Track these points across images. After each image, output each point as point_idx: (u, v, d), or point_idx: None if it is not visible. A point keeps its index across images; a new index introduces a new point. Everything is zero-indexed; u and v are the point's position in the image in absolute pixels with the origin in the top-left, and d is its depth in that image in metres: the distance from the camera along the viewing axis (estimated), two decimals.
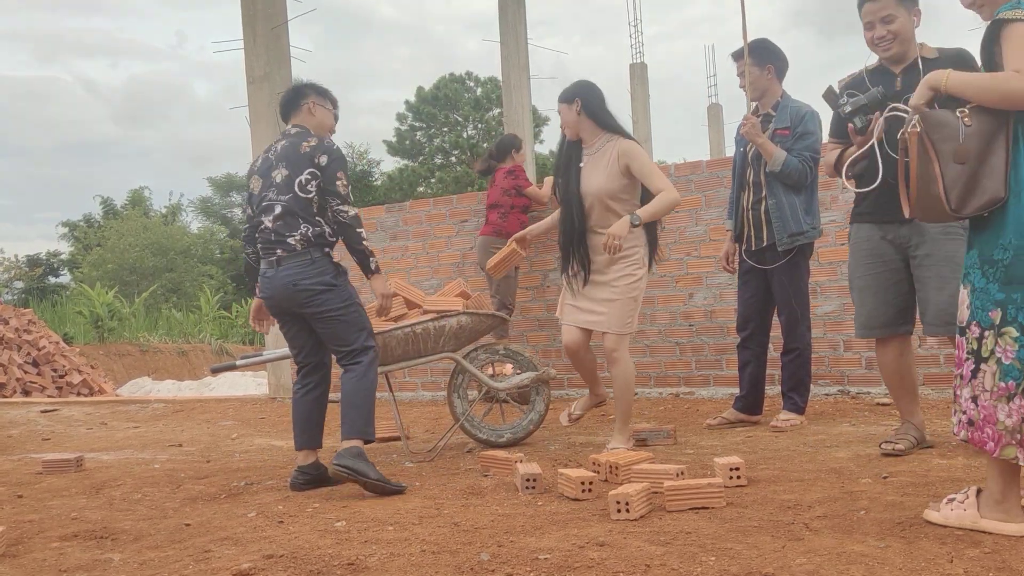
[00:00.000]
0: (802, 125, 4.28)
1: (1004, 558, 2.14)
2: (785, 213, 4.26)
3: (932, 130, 2.42)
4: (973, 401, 2.37)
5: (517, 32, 9.93)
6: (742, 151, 4.44)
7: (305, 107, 3.84)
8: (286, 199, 3.63)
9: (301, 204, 3.62)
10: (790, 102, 4.35)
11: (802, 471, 3.31)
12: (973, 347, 2.37)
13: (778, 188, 4.27)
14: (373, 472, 3.40)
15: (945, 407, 4.69)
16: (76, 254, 30.26)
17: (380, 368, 4.18)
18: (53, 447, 5.52)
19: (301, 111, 3.84)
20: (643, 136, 18.60)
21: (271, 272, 3.66)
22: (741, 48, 4.32)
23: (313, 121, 3.84)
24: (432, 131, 32.60)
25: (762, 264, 4.39)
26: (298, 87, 3.91)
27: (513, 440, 4.39)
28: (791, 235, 4.27)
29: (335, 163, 3.66)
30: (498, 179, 6.27)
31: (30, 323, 11.99)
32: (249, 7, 7.49)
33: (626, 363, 3.92)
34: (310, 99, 3.85)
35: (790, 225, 4.26)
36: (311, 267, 3.60)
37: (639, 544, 2.44)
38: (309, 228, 3.61)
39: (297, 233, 3.60)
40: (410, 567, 2.36)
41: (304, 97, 3.86)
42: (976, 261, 2.39)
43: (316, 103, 3.86)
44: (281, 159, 3.71)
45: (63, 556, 2.71)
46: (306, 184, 3.63)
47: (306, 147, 3.67)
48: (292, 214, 3.61)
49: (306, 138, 3.71)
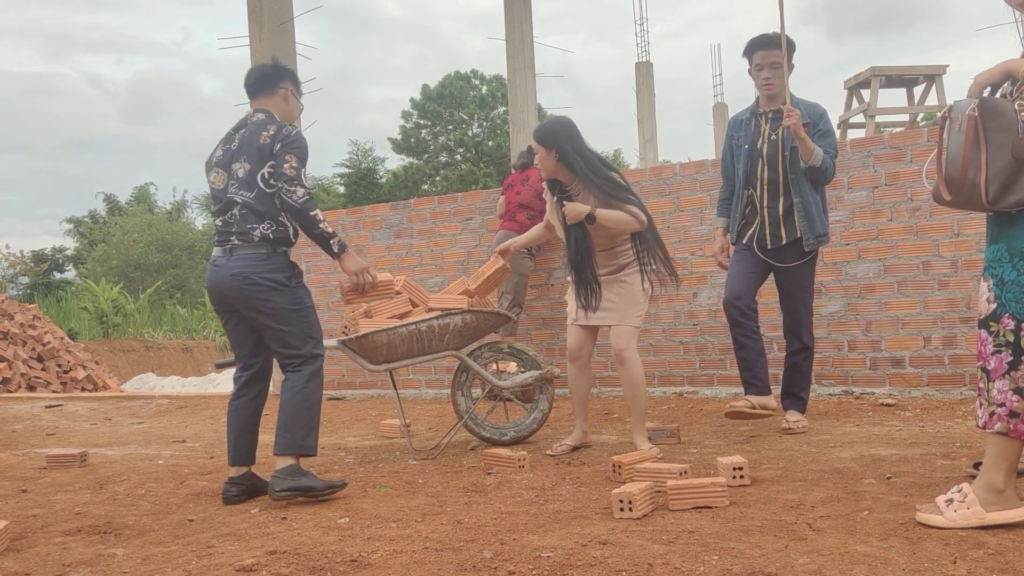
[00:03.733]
0: (823, 123, 4.21)
1: (1008, 559, 2.13)
2: (812, 212, 4.17)
3: (988, 117, 2.35)
4: (1017, 393, 2.35)
5: (523, 30, 9.93)
6: (746, 148, 4.32)
7: (281, 93, 3.59)
8: (251, 196, 3.39)
9: (264, 199, 3.39)
10: (799, 99, 4.29)
11: (805, 471, 3.31)
12: (1008, 339, 2.36)
13: (805, 187, 4.17)
14: (319, 483, 3.27)
15: (949, 408, 4.68)
16: (81, 250, 30.33)
17: (385, 366, 4.19)
18: (57, 442, 5.53)
19: (276, 95, 3.58)
20: (648, 134, 18.59)
21: (222, 260, 3.40)
22: (773, 36, 4.18)
23: (283, 108, 3.59)
24: (437, 129, 32.60)
25: (780, 262, 4.27)
26: (278, 68, 3.64)
27: (516, 438, 4.39)
28: (818, 236, 4.20)
29: (287, 146, 3.36)
30: (533, 179, 6.22)
31: (35, 319, 12.03)
32: (255, 3, 7.49)
33: (635, 363, 3.90)
34: (288, 85, 3.62)
35: (817, 226, 4.18)
36: (264, 262, 3.36)
37: (642, 543, 2.44)
38: (272, 226, 3.39)
39: (258, 228, 3.37)
40: (413, 564, 2.36)
41: (282, 80, 3.61)
42: (1005, 255, 2.38)
43: (292, 92, 3.64)
44: (241, 152, 3.44)
45: (67, 551, 2.72)
46: (269, 178, 3.39)
47: (265, 137, 3.40)
48: (256, 211, 3.38)
49: (266, 127, 3.43)
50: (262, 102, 3.57)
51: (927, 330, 5.16)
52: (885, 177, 5.26)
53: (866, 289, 5.31)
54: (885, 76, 11.31)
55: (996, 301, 2.39)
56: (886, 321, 5.25)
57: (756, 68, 4.27)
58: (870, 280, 5.30)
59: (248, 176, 3.40)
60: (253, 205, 3.38)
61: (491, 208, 6.64)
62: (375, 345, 4.11)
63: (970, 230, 5.02)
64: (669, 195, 5.93)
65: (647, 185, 6.02)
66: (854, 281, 5.34)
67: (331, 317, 7.18)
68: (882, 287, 5.27)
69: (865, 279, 5.32)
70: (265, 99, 3.57)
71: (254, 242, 3.37)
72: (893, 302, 5.24)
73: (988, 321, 2.41)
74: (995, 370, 2.39)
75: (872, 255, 5.29)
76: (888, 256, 5.25)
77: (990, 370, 2.41)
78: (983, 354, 2.43)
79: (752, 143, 4.29)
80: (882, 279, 5.27)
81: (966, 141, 2.37)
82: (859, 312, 5.33)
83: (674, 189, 5.92)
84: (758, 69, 4.26)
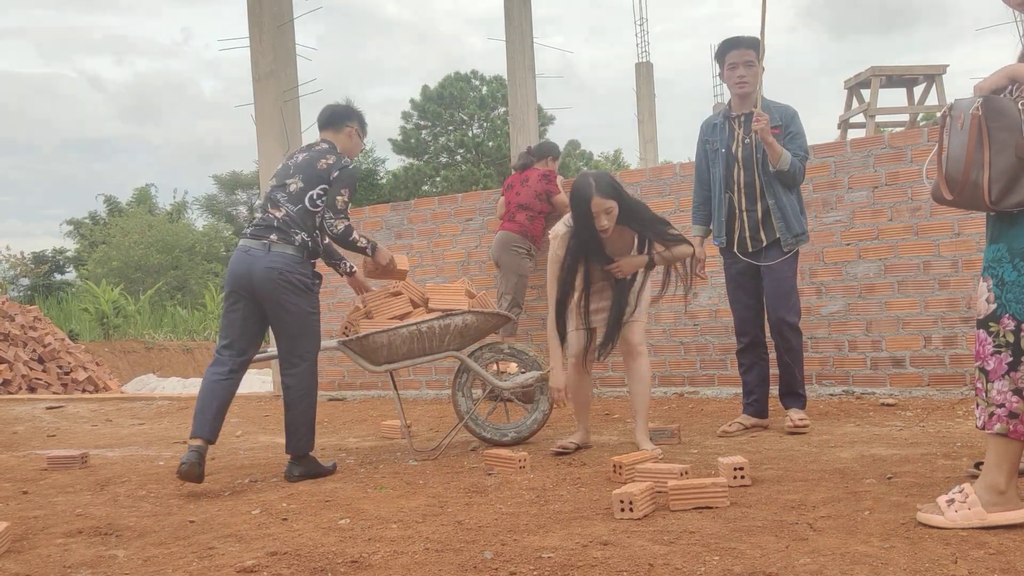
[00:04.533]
0: (794, 124, 4.24)
1: (1009, 559, 2.13)
2: (787, 213, 4.23)
3: (992, 117, 2.34)
4: (1016, 394, 2.35)
5: (523, 30, 9.92)
6: (723, 151, 4.32)
7: (347, 131, 4.03)
8: (296, 209, 3.77)
9: (306, 215, 3.78)
10: (770, 101, 4.30)
11: (806, 471, 3.31)
12: (1008, 340, 2.36)
13: (778, 189, 4.23)
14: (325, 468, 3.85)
15: (949, 408, 4.68)
16: (82, 251, 30.34)
17: (386, 367, 4.21)
18: (58, 443, 5.54)
19: (341, 132, 4.02)
20: (648, 134, 18.58)
21: (258, 252, 3.70)
22: (751, 39, 4.22)
23: (346, 144, 4.02)
24: (437, 130, 32.59)
25: (762, 261, 4.30)
26: (350, 109, 4.09)
27: (517, 439, 4.39)
28: (796, 236, 4.25)
29: (343, 179, 3.81)
30: (532, 180, 6.23)
31: (36, 320, 12.02)
32: (255, 4, 7.50)
33: (647, 359, 4.00)
34: (354, 126, 4.06)
35: (794, 226, 4.24)
36: (300, 264, 3.73)
37: (643, 543, 2.44)
38: (307, 237, 3.77)
39: (298, 235, 3.74)
40: (413, 565, 2.36)
41: (350, 120, 4.05)
42: (1005, 255, 2.37)
43: (357, 132, 4.07)
44: (299, 171, 3.84)
45: (67, 552, 2.72)
46: (316, 199, 3.79)
47: (324, 164, 3.83)
48: (296, 221, 3.76)
49: (326, 155, 3.86)
50: (328, 134, 4.02)
51: (927, 330, 5.16)
52: (885, 177, 5.26)
53: (866, 289, 5.31)
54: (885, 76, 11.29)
55: (996, 301, 2.38)
56: (887, 321, 5.25)
57: (730, 67, 4.30)
58: (870, 280, 5.30)
59: (299, 192, 3.79)
60: (296, 216, 3.75)
61: (491, 209, 6.64)
62: (376, 346, 4.12)
63: (970, 230, 5.02)
64: (669, 195, 5.93)
65: (647, 185, 6.02)
66: (854, 281, 5.34)
67: (332, 318, 7.18)
68: (882, 287, 5.27)
69: (865, 279, 5.32)
70: (331, 133, 4.02)
71: (294, 245, 3.72)
72: (893, 302, 5.24)
73: (987, 321, 2.41)
74: (994, 371, 2.39)
75: (872, 255, 5.29)
76: (888, 256, 5.25)
77: (989, 371, 2.41)
78: (981, 354, 2.43)
79: (727, 147, 4.32)
80: (882, 279, 5.27)
81: (970, 140, 2.35)
82: (859, 312, 5.33)
83: (674, 189, 5.92)
84: (732, 68, 4.29)
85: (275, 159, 7.41)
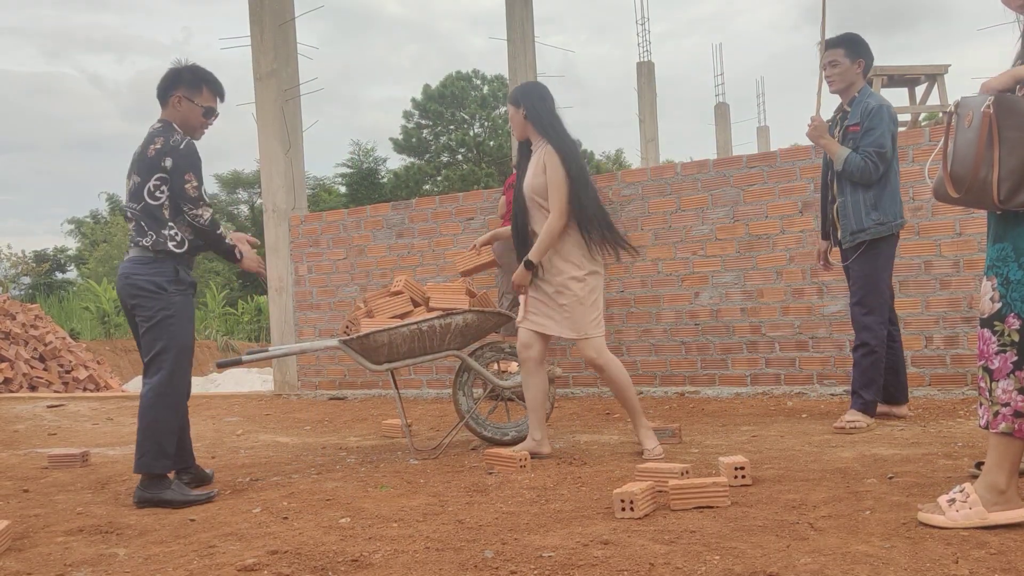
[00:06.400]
0: (869, 120, 4.21)
1: (1010, 559, 2.13)
2: (849, 211, 4.27)
3: (1003, 115, 2.32)
4: (1021, 392, 2.35)
5: (524, 30, 9.92)
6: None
7: (172, 101, 3.54)
8: (138, 207, 3.46)
9: (151, 211, 3.44)
10: (866, 98, 4.28)
11: (807, 471, 3.31)
12: (1013, 339, 2.36)
13: (847, 187, 4.27)
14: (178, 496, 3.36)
15: (951, 407, 4.68)
16: (83, 250, 30.36)
17: (386, 365, 4.20)
18: (59, 442, 5.54)
19: (168, 105, 3.55)
20: (650, 134, 18.56)
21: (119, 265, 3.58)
22: (835, 38, 4.34)
23: (179, 117, 3.54)
24: (438, 129, 32.61)
25: (843, 260, 4.42)
26: (171, 73, 3.56)
27: (518, 438, 4.39)
28: (852, 233, 4.26)
29: (181, 163, 3.40)
30: None
31: (37, 319, 12.03)
32: (256, 3, 7.50)
33: (613, 364, 3.85)
34: (179, 92, 3.53)
35: (851, 223, 4.26)
36: (148, 265, 3.44)
37: (643, 543, 2.44)
38: (159, 235, 3.44)
39: (148, 234, 3.44)
40: (414, 564, 2.36)
41: (174, 88, 3.53)
42: (1011, 254, 2.37)
43: (183, 97, 3.53)
44: (135, 164, 3.50)
45: (68, 550, 2.72)
46: (155, 191, 3.44)
47: (153, 150, 3.43)
48: (141, 223, 3.45)
49: (154, 140, 3.45)
50: (163, 113, 3.58)
51: (929, 330, 5.15)
52: None
53: None
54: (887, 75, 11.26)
55: (1001, 300, 2.38)
56: None
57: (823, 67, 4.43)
58: None
59: (136, 189, 3.48)
60: (140, 217, 3.46)
61: (492, 208, 6.64)
62: (376, 345, 4.12)
63: (972, 230, 5.01)
64: (670, 195, 5.93)
65: (648, 185, 6.01)
66: None
67: (332, 317, 7.18)
68: None
69: None
70: (163, 110, 3.57)
71: (141, 246, 3.47)
72: (895, 302, 5.22)
73: (992, 320, 2.40)
74: (999, 370, 2.38)
75: None
76: None
77: (993, 370, 2.40)
78: (985, 353, 2.42)
79: None
80: None
81: (980, 138, 2.33)
82: None
83: (675, 189, 5.92)
84: (824, 68, 4.40)
85: (276, 158, 7.43)
